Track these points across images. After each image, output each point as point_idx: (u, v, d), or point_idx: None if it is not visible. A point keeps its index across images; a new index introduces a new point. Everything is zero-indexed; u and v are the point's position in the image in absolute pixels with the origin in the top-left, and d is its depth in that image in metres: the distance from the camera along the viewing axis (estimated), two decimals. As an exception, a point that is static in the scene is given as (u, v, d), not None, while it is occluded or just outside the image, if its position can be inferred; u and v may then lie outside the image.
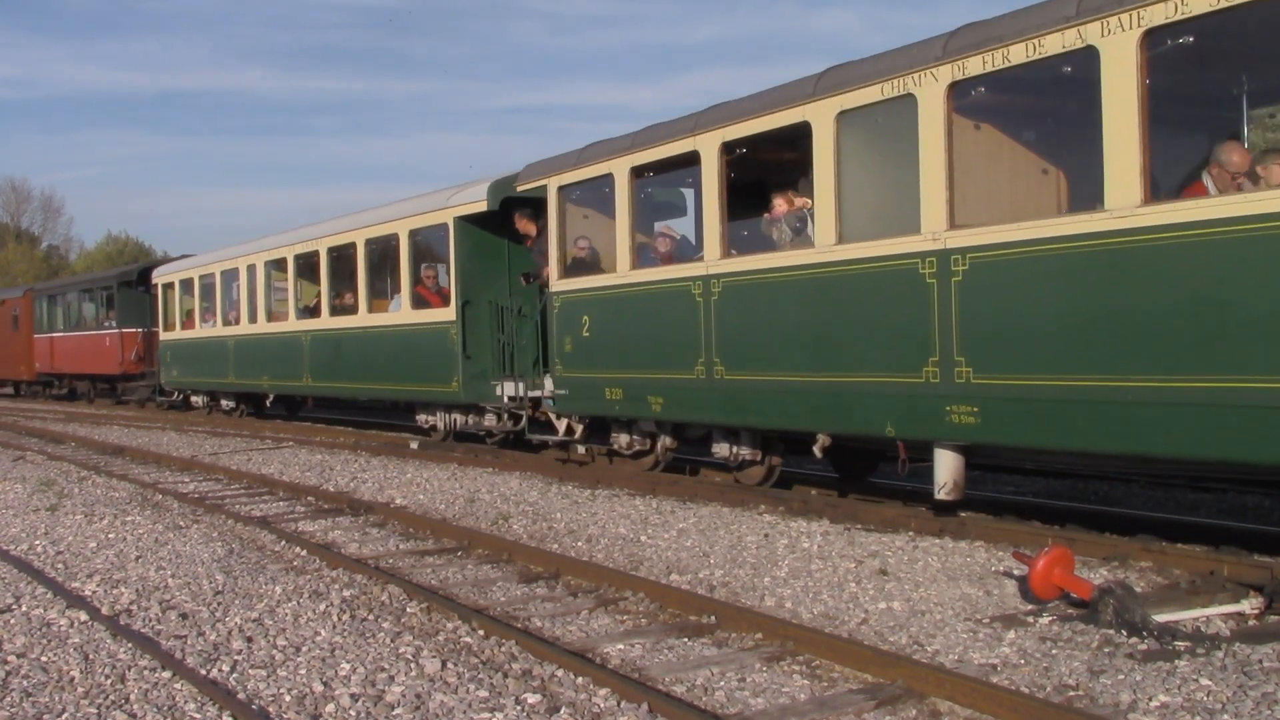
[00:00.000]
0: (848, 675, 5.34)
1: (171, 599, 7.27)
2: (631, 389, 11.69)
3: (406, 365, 16.31)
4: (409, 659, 5.74)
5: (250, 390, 22.86)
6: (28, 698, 5.33)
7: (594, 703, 4.99)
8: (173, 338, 26.18)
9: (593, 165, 12.36)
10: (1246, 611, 6.26)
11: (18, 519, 10.85)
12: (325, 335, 18.96)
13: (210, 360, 23.90)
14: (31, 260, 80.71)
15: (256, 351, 21.64)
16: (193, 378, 25.21)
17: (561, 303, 12.75)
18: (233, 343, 22.76)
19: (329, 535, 9.68)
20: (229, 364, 22.93)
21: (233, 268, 22.85)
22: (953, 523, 8.81)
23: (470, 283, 15.12)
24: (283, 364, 20.43)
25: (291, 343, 20.08)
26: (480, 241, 15.24)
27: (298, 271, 20.42)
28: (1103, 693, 4.98)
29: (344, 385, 18.79)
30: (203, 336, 24.46)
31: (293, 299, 20.52)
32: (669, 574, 7.65)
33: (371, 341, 17.43)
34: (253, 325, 21.88)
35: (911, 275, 8.51)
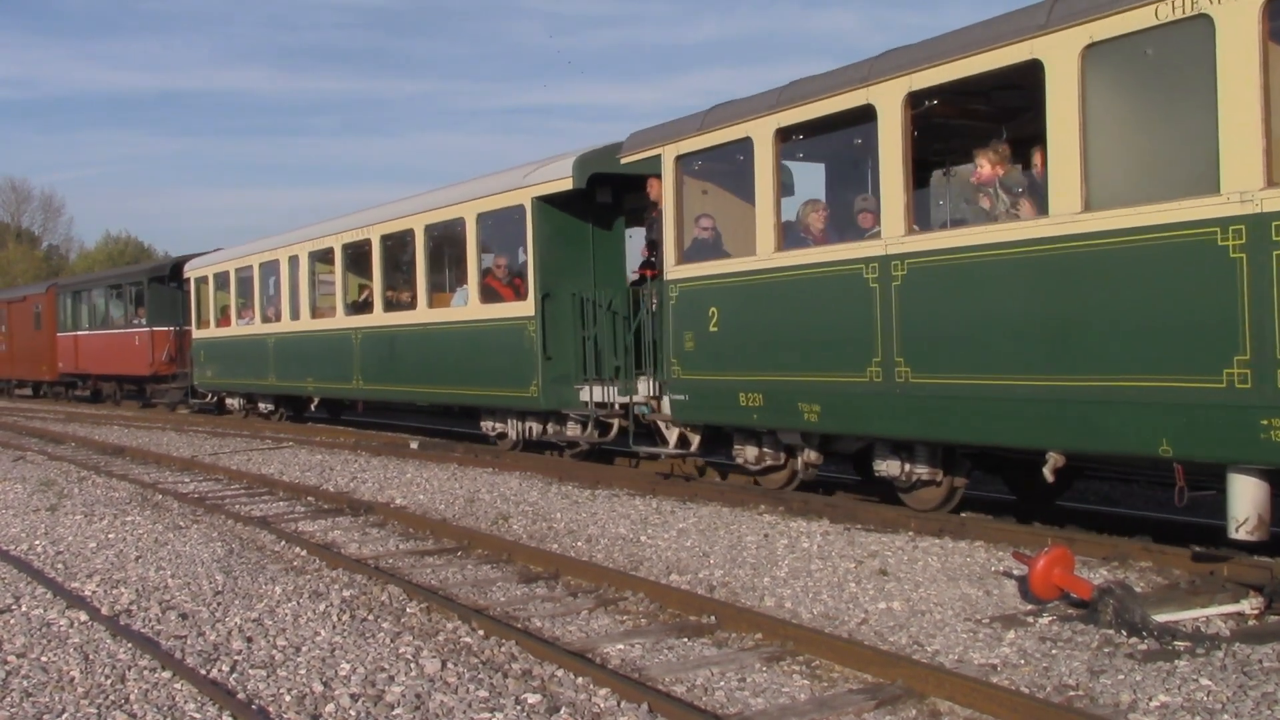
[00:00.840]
0: (848, 675, 5.34)
1: (171, 599, 7.27)
2: (776, 394, 9.85)
3: (474, 366, 14.66)
4: (409, 659, 5.74)
5: (292, 393, 21.11)
6: (28, 698, 5.33)
7: (594, 703, 5.00)
8: (206, 336, 24.34)
9: (723, 129, 10.51)
10: (1246, 611, 6.26)
11: (18, 519, 10.85)
12: (378, 333, 17.13)
13: (248, 360, 22.19)
14: (31, 260, 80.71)
15: (299, 351, 19.86)
16: (228, 379, 23.48)
17: (680, 293, 10.95)
18: (272, 341, 20.94)
19: (329, 535, 9.68)
20: (268, 364, 21.14)
21: (272, 259, 20.98)
22: (953, 523, 8.81)
23: (551, 273, 13.38)
24: (329, 365, 18.68)
25: (339, 341, 18.26)
26: (562, 226, 13.49)
27: (346, 263, 18.52)
28: (1103, 693, 4.98)
29: (400, 388, 16.85)
30: (239, 335, 22.67)
31: (341, 293, 18.60)
32: (669, 574, 7.65)
33: (432, 340, 15.70)
34: (295, 322, 20.14)
35: (1206, 249, 6.70)
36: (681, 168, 11.15)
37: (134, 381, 30.38)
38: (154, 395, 28.95)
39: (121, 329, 29.85)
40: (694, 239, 11.10)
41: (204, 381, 24.53)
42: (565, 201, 13.23)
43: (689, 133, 10.98)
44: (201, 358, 24.43)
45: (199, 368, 24.56)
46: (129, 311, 29.83)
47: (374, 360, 17.29)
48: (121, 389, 31.49)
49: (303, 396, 21.24)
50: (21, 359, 37.52)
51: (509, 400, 14.11)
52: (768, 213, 9.98)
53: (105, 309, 31.51)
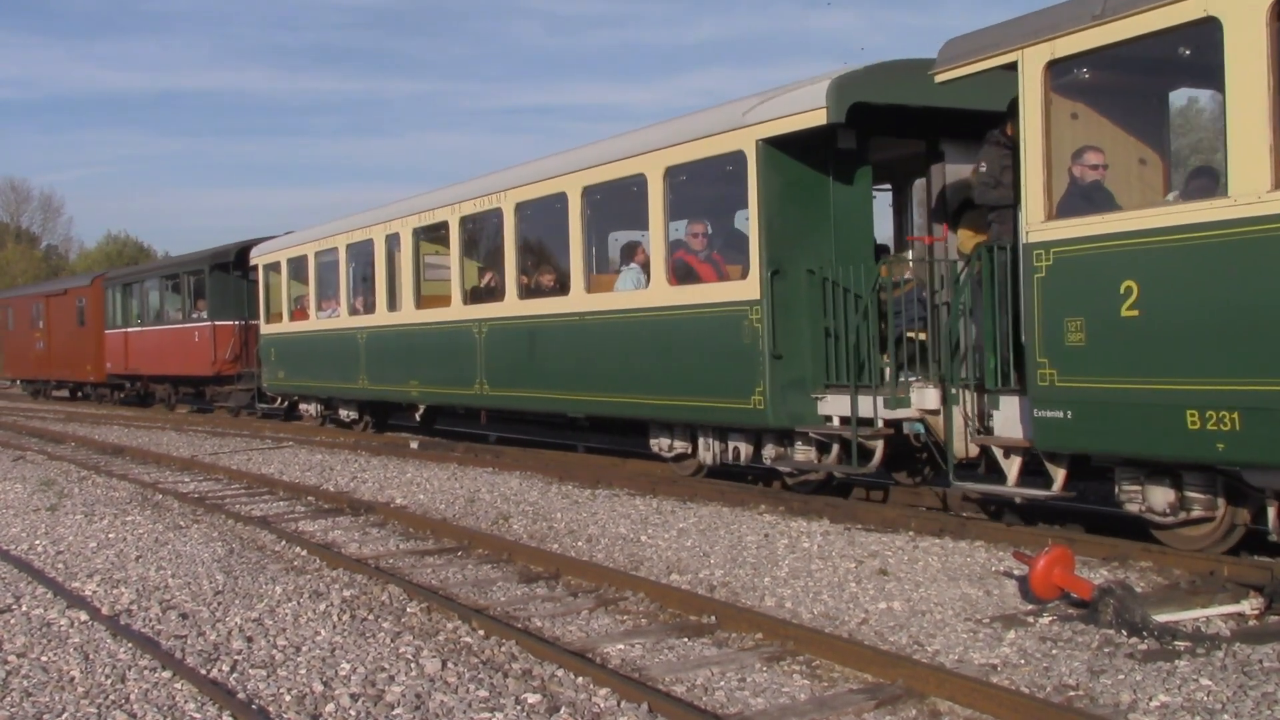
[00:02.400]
0: (848, 675, 5.34)
1: (171, 599, 7.27)
2: None
3: (659, 368, 11.27)
4: (409, 659, 5.74)
5: (389, 399, 17.64)
6: (28, 698, 5.33)
7: (594, 703, 5.00)
8: (278, 331, 21.08)
9: (1143, 13, 7.09)
10: (1246, 612, 6.26)
11: (18, 519, 10.85)
12: (511, 326, 13.80)
13: (330, 359, 18.83)
14: (31, 260, 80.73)
15: (401, 348, 16.48)
16: (303, 381, 20.25)
17: (1058, 263, 7.66)
18: (364, 337, 17.55)
19: (329, 535, 9.68)
20: (358, 364, 17.71)
21: (364, 240, 17.67)
22: (953, 523, 8.81)
23: (782, 243, 10.04)
24: (442, 365, 15.31)
25: (457, 337, 14.86)
26: (796, 179, 10.14)
27: (465, 240, 15.20)
28: (1103, 693, 4.98)
29: (541, 395, 13.32)
30: (320, 329, 19.45)
31: (458, 277, 15.13)
32: (669, 574, 7.65)
33: (592, 334, 12.33)
34: (394, 314, 16.73)
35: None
36: (1054, 80, 7.79)
37: (193, 383, 27.10)
38: (215, 399, 25.96)
39: (179, 324, 26.60)
40: (1077, 183, 7.96)
41: (274, 384, 21.38)
42: (803, 146, 10.05)
43: (1071, 25, 7.53)
44: (272, 356, 21.26)
45: (268, 368, 21.43)
46: (187, 304, 26.45)
47: (504, 359, 13.96)
48: (177, 392, 28.25)
49: (403, 403, 17.78)
50: (62, 358, 33.84)
51: (719, 413, 10.69)
52: (1258, 126, 6.54)
53: (160, 302, 28.20)
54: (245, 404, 24.28)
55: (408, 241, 16.28)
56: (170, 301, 27.74)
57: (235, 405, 24.76)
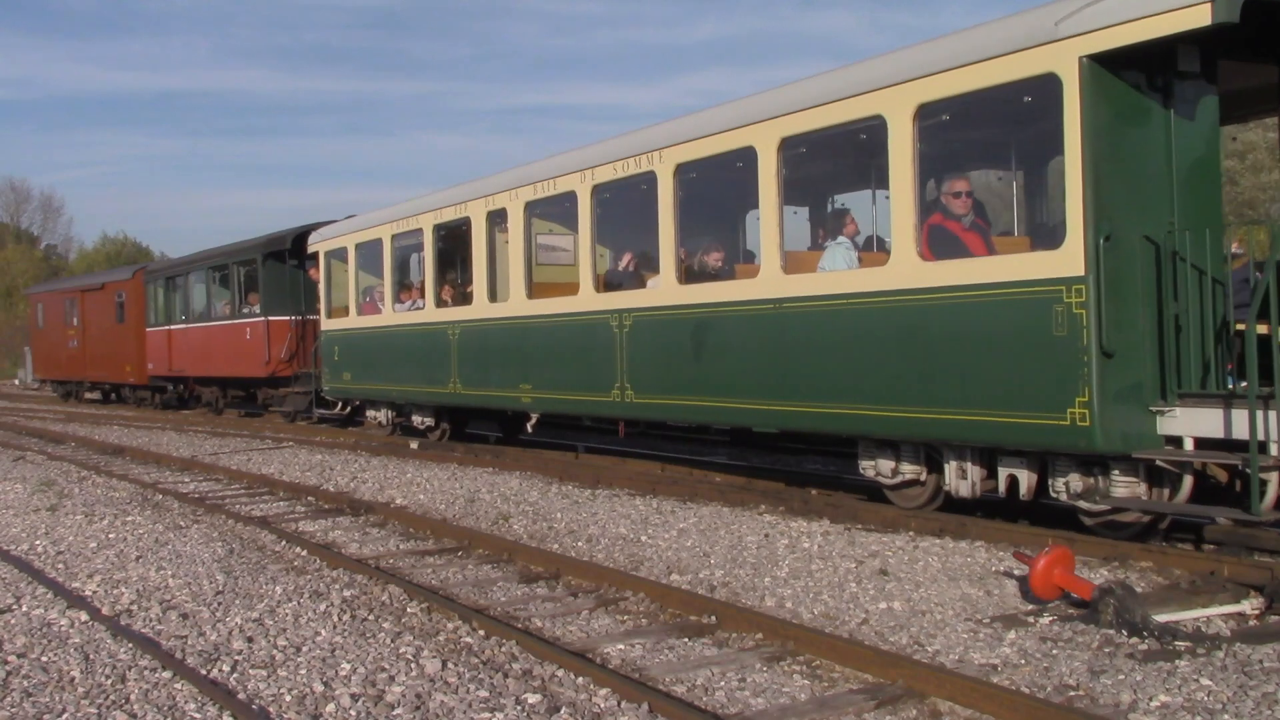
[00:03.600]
0: (848, 675, 5.34)
1: (172, 599, 7.27)
2: None
3: (901, 370, 8.81)
4: (409, 659, 5.74)
5: (490, 405, 15.02)
6: (28, 698, 5.33)
7: (594, 703, 5.00)
8: (343, 327, 18.63)
9: None
10: (1247, 612, 6.26)
11: (18, 519, 10.85)
12: (669, 318, 11.26)
13: (410, 359, 16.45)
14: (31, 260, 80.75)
15: (508, 346, 14.07)
16: (374, 384, 17.73)
17: None
18: (456, 333, 15.17)
19: (329, 535, 9.68)
20: (448, 364, 15.33)
21: (458, 219, 15.15)
22: (953, 523, 8.80)
23: (1113, 199, 7.61)
24: (567, 366, 12.92)
25: (588, 332, 12.43)
26: (1129, 113, 7.73)
27: (599, 215, 12.61)
28: (1103, 693, 4.98)
29: (714, 404, 10.75)
30: (397, 324, 17.02)
31: (589, 259, 12.61)
32: (669, 574, 7.65)
33: (795, 326, 9.75)
34: (498, 305, 14.36)
35: None
36: None
37: (244, 385, 24.50)
38: (268, 402, 23.41)
39: (228, 320, 24.00)
40: None
41: (338, 387, 18.91)
42: (1138, 67, 7.70)
43: None
44: (335, 356, 18.78)
45: (331, 369, 18.99)
46: (237, 298, 23.79)
47: (656, 359, 11.50)
48: (225, 395, 25.80)
49: (509, 411, 15.42)
50: (98, 358, 30.96)
51: (1000, 431, 8.19)
52: None
53: (207, 296, 25.51)
54: (302, 409, 21.46)
55: (518, 218, 13.76)
56: (218, 295, 25.08)
57: (292, 410, 22.05)
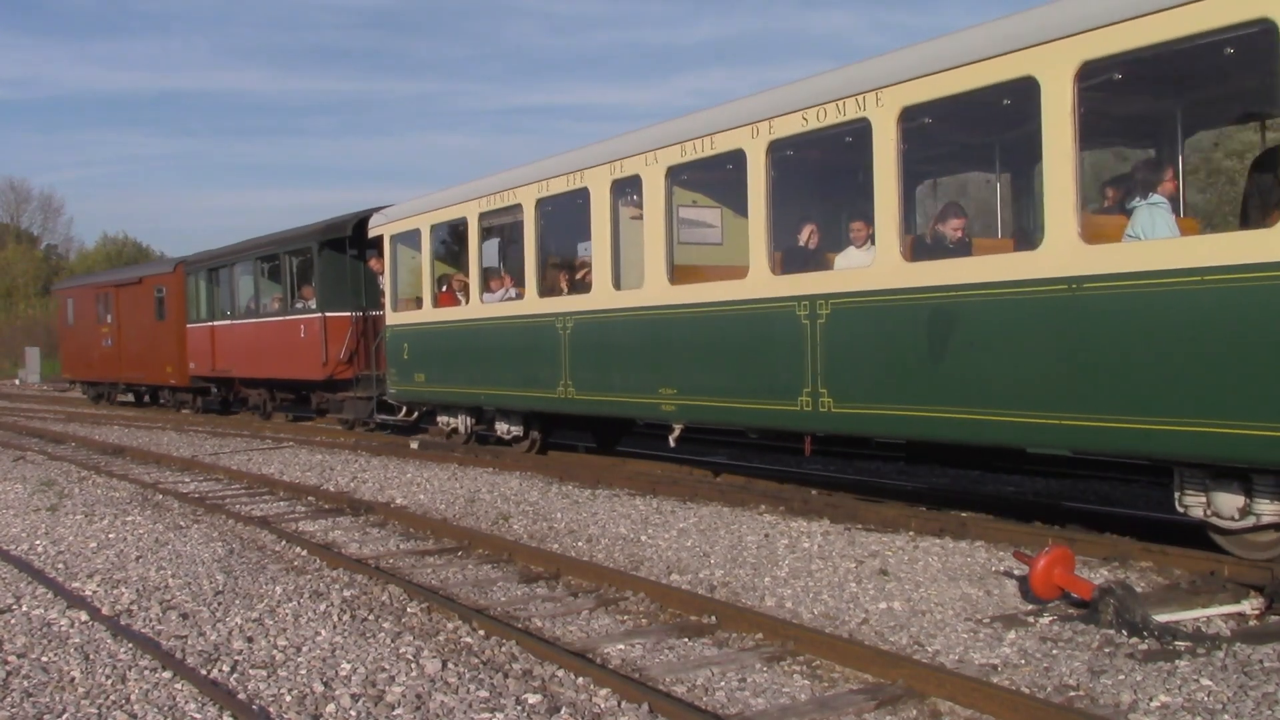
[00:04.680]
0: (848, 675, 5.34)
1: (172, 599, 7.27)
2: None
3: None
4: (409, 659, 5.74)
5: (618, 413, 12.50)
6: (28, 698, 5.33)
7: (594, 703, 4.99)
8: (414, 322, 16.28)
9: None
10: (1247, 612, 6.27)
11: (18, 519, 10.85)
12: (893, 306, 8.92)
13: (504, 357, 14.08)
14: (31, 260, 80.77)
15: (640, 341, 11.69)
16: (456, 386, 15.27)
17: None
18: (568, 327, 12.85)
19: (329, 535, 9.68)
20: (557, 364, 12.97)
21: (570, 190, 12.83)
22: (953, 523, 8.81)
23: None
24: (731, 364, 10.50)
25: (763, 325, 10.10)
26: None
27: (776, 179, 10.23)
28: (1103, 693, 4.98)
29: (968, 416, 8.38)
30: (485, 318, 14.53)
31: (766, 235, 10.12)
32: (669, 574, 7.65)
33: (1104, 315, 7.47)
34: (627, 293, 11.98)
35: None
36: None
37: (297, 388, 22.03)
38: (326, 406, 20.91)
39: (280, 316, 21.55)
40: None
41: (408, 389, 16.50)
42: None
43: None
44: (404, 354, 16.43)
45: (399, 369, 16.63)
46: (290, 292, 21.45)
47: (868, 357, 9.13)
48: (274, 398, 23.30)
49: (639, 420, 13.48)
50: (134, 358, 28.58)
51: None
52: None
53: (255, 290, 23.07)
54: (364, 415, 18.97)
55: (656, 188, 11.41)
56: (267, 289, 22.68)
57: (352, 417, 19.55)
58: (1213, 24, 6.77)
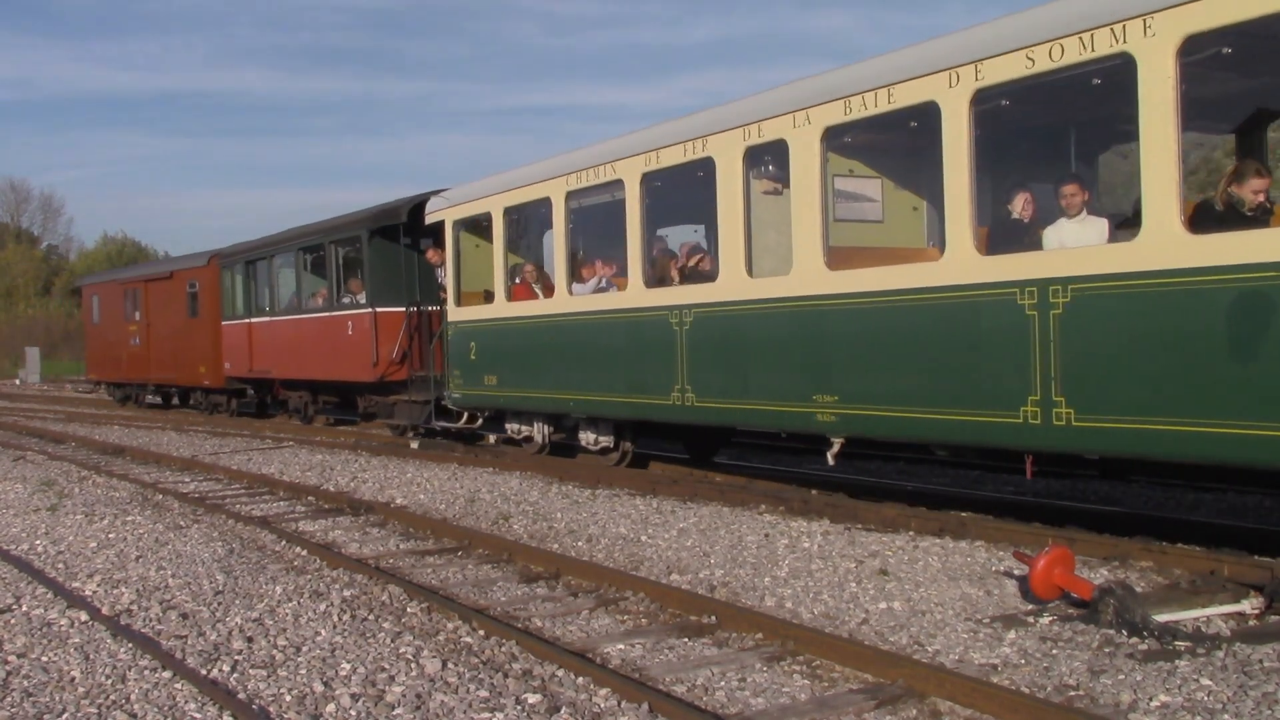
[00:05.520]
0: (848, 675, 5.34)
1: (172, 599, 7.27)
2: None
3: None
4: (409, 659, 5.74)
5: (746, 423, 10.95)
6: (28, 698, 5.33)
7: (594, 703, 5.00)
8: (483, 317, 14.55)
9: None
10: (1247, 611, 6.26)
11: (18, 519, 10.85)
12: (1172, 292, 7.05)
13: (599, 357, 12.34)
14: (31, 260, 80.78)
15: (787, 337, 9.83)
16: (535, 389, 13.47)
17: None
18: (687, 320, 10.96)
19: (329, 535, 9.68)
20: (671, 364, 11.14)
21: (685, 162, 10.98)
22: (953, 522, 8.81)
23: None
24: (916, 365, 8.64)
25: (965, 316, 8.27)
26: None
27: (983, 139, 8.34)
28: (1103, 693, 4.98)
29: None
30: (576, 312, 12.78)
31: (966, 205, 8.22)
32: (669, 574, 7.65)
33: None
34: (763, 280, 10.18)
35: None
36: None
37: (343, 390, 20.28)
38: (373, 411, 19.24)
39: (325, 311, 19.75)
40: None
41: (475, 393, 14.68)
42: None
43: None
44: (471, 354, 14.73)
45: (464, 370, 14.88)
46: (337, 285, 19.57)
47: (1120, 359, 7.31)
48: (316, 401, 21.65)
49: (782, 431, 11.25)
50: (166, 357, 26.76)
51: None
52: None
53: (297, 283, 21.28)
54: (420, 420, 17.22)
55: (808, 154, 9.51)
56: (309, 283, 20.84)
57: (407, 422, 17.81)
58: None
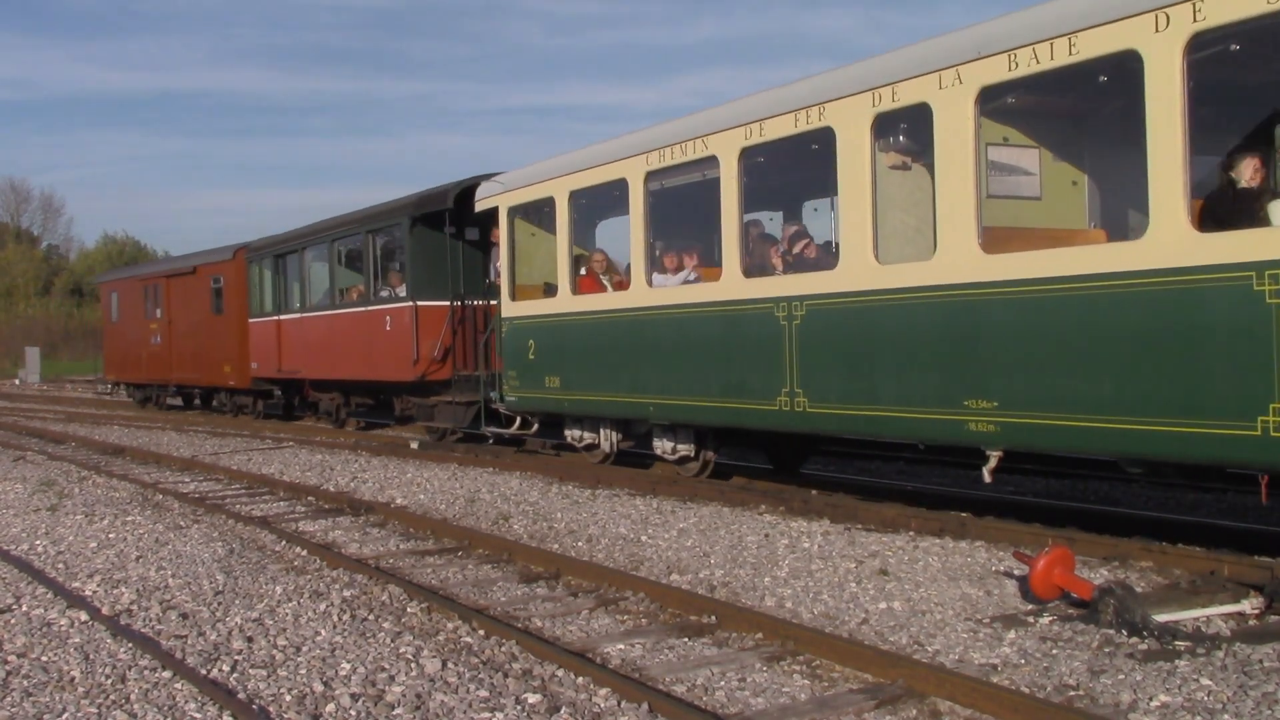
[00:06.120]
0: (848, 675, 5.34)
1: (172, 599, 7.27)
2: None
3: None
4: (409, 659, 5.74)
5: (879, 434, 9.37)
6: (28, 698, 5.33)
7: (594, 703, 5.00)
8: (544, 313, 13.36)
9: None
10: (1247, 611, 6.26)
11: (18, 519, 10.85)
12: None
13: (685, 357, 11.00)
14: (31, 260, 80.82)
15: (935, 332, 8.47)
16: (608, 393, 12.17)
17: None
18: (798, 314, 9.63)
19: (329, 535, 9.68)
20: (778, 364, 9.77)
21: (806, 132, 9.58)
22: (953, 522, 8.81)
23: None
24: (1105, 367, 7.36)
25: (1174, 305, 6.97)
26: None
27: (1194, 88, 6.96)
28: (1103, 693, 4.98)
29: None
30: (657, 306, 11.41)
31: (1181, 172, 6.89)
32: (669, 574, 7.65)
33: None
34: (897, 267, 8.84)
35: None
36: None
37: (380, 391, 19.09)
38: (410, 413, 18.08)
39: (360, 306, 18.55)
40: None
41: (536, 396, 13.42)
42: None
43: None
44: (530, 353, 13.49)
45: (521, 371, 13.65)
46: (374, 278, 18.36)
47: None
48: (349, 403, 20.45)
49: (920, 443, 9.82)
50: (187, 356, 25.71)
51: None
52: None
53: (330, 277, 20.09)
54: (463, 424, 16.12)
55: (958, 119, 8.18)
56: (344, 277, 19.66)
57: (450, 425, 16.59)
58: None
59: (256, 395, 23.71)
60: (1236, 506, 9.77)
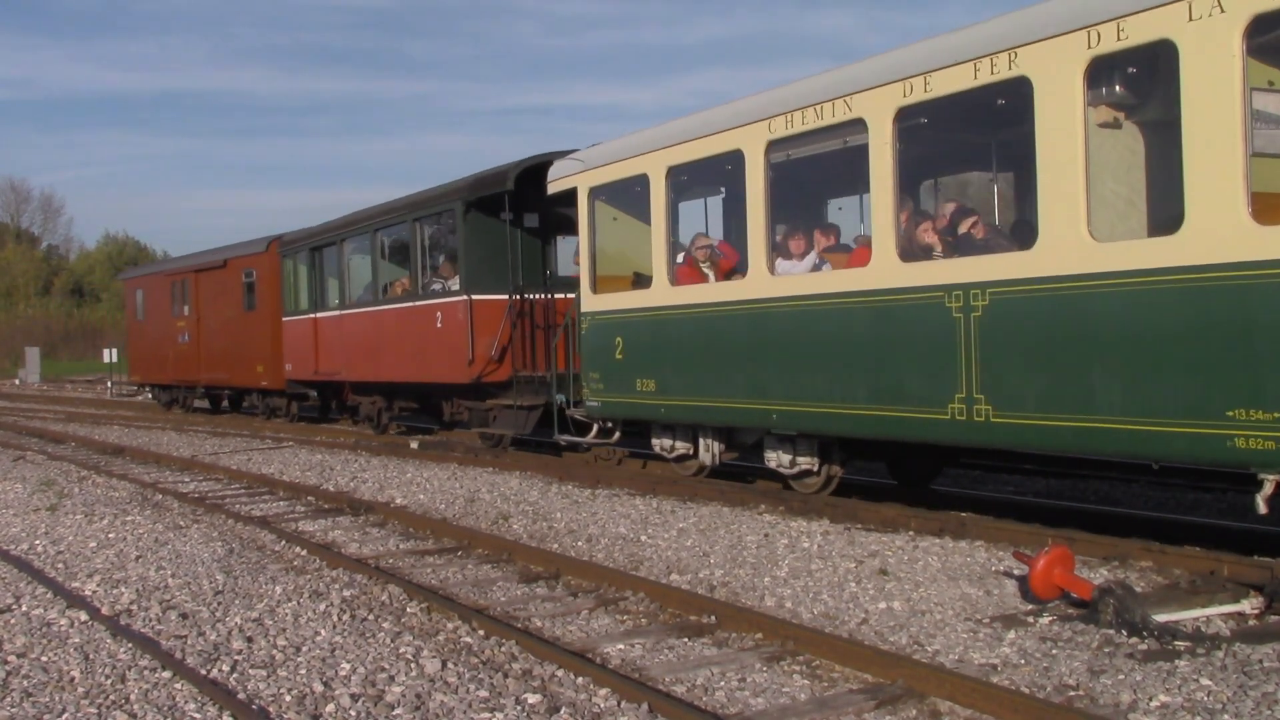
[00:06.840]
0: (848, 675, 5.34)
1: (172, 599, 7.27)
2: None
3: None
4: (409, 659, 5.74)
5: (1098, 450, 7.66)
6: (28, 698, 5.33)
7: (594, 703, 5.00)
8: (633, 306, 11.91)
9: None
10: (1247, 611, 6.26)
11: (18, 519, 10.86)
12: None
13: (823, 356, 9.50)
14: (31, 260, 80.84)
15: (1184, 327, 6.85)
16: (719, 399, 10.69)
17: None
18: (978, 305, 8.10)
19: (329, 535, 9.68)
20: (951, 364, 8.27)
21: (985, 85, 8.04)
22: (953, 522, 8.81)
23: None
24: None
25: None
26: None
27: None
28: (1103, 693, 4.98)
29: None
30: (782, 298, 9.93)
31: None
32: (669, 574, 7.65)
33: None
34: (1124, 245, 7.33)
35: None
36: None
37: (428, 393, 17.59)
38: (461, 418, 16.76)
39: (407, 301, 16.84)
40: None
41: (625, 402, 11.99)
42: None
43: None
44: (618, 353, 12.04)
45: (608, 374, 12.22)
46: (422, 270, 16.67)
47: None
48: (391, 407, 18.85)
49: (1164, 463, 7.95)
50: (217, 356, 24.20)
51: None
52: None
53: (373, 271, 18.43)
54: (526, 430, 14.44)
55: (1215, 58, 6.60)
56: (388, 271, 18.10)
57: (509, 432, 14.90)
58: None
59: (290, 398, 22.29)
60: (1237, 506, 9.77)
